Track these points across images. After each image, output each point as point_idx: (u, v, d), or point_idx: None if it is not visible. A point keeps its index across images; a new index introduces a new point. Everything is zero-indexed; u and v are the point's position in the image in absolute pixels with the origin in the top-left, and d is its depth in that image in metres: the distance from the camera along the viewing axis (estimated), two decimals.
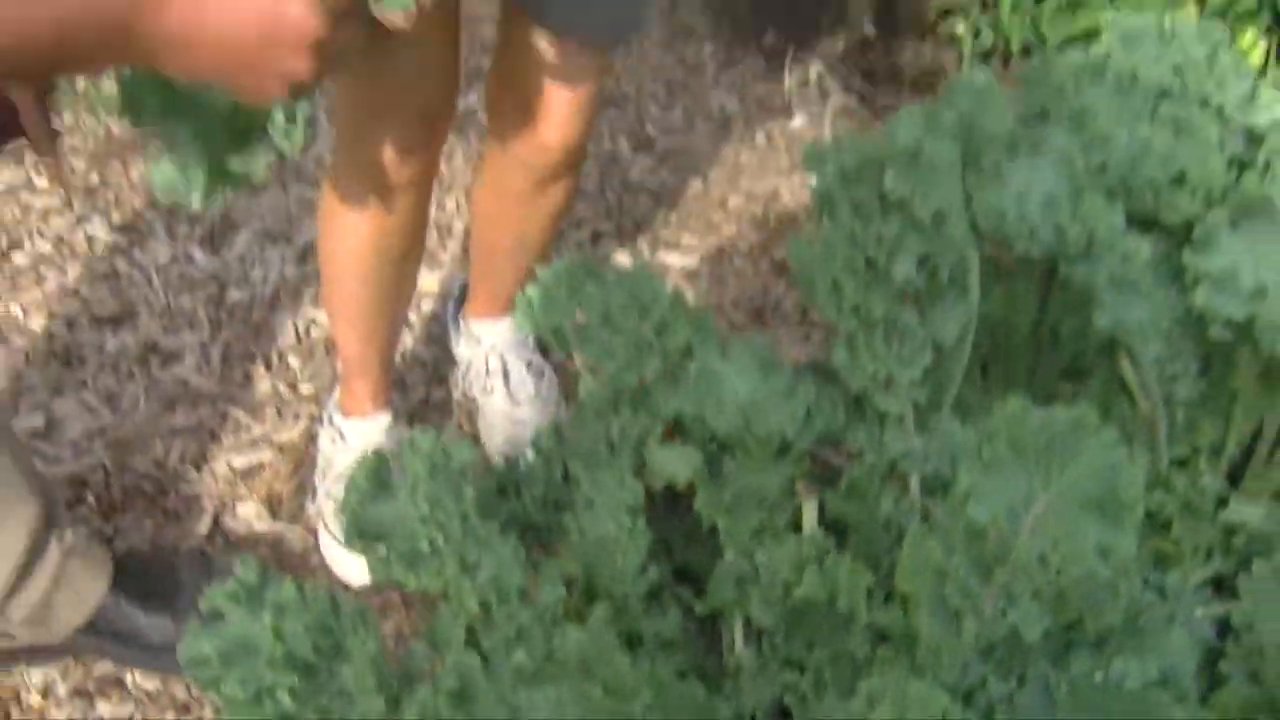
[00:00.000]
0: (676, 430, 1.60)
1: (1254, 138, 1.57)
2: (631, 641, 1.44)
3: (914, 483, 1.42)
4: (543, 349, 2.24)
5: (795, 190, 2.69)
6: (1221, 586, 1.50)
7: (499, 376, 2.16)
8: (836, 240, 1.30)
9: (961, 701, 1.19)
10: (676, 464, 1.50)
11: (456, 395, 2.26)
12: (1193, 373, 1.49)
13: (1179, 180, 1.49)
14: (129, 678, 1.91)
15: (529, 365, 2.18)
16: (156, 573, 1.91)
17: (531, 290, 1.50)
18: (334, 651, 1.16)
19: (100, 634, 1.87)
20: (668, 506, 1.64)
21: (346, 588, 1.97)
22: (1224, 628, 1.47)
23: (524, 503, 1.57)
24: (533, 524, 1.57)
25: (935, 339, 1.33)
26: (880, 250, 1.26)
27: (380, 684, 1.15)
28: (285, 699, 1.10)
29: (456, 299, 2.25)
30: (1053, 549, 1.07)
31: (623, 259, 2.49)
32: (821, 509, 1.52)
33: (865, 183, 1.27)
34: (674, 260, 2.51)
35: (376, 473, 1.37)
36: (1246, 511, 1.52)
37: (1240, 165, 1.56)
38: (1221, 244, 1.38)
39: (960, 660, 1.15)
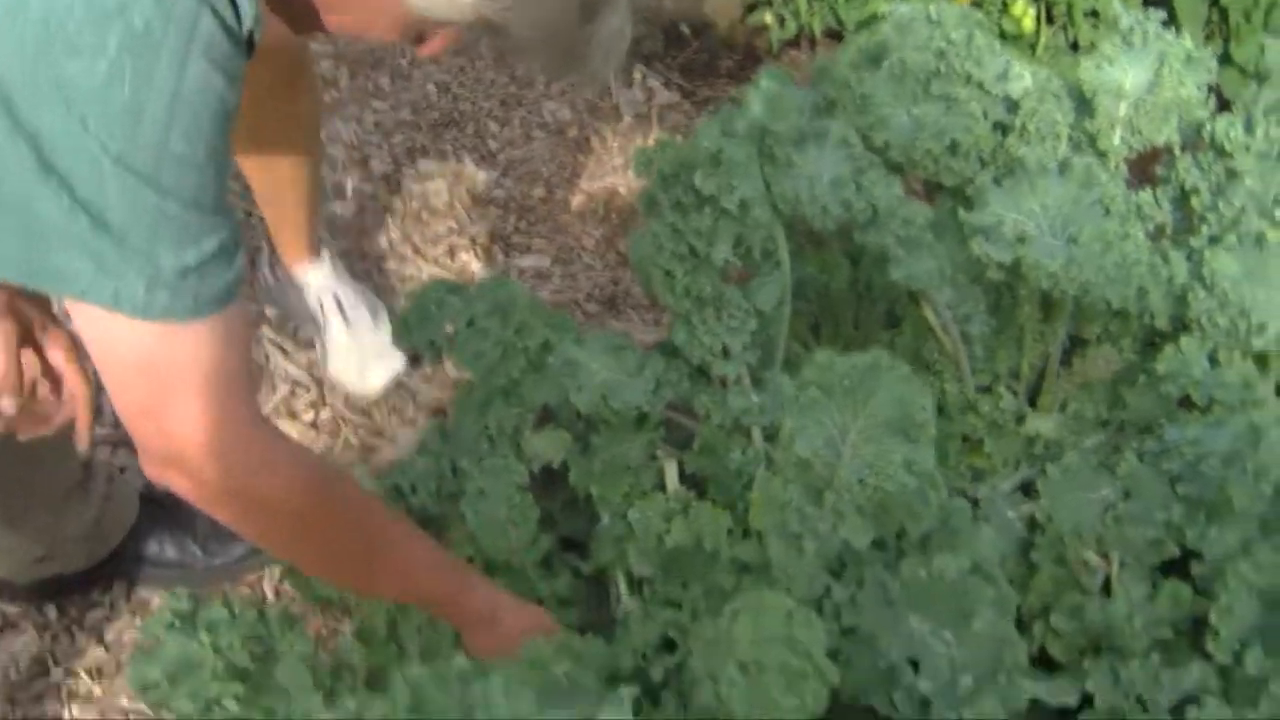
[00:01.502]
0: (546, 416, 1.80)
1: (1012, 106, 1.82)
2: None
3: (756, 435, 1.64)
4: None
5: (631, 186, 2.89)
6: (1030, 490, 1.75)
7: (334, 313, 2.34)
8: (663, 235, 1.51)
9: (813, 609, 1.41)
10: (549, 446, 1.70)
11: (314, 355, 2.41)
12: (983, 311, 1.74)
13: (952, 149, 1.73)
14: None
15: (359, 294, 2.38)
16: (169, 501, 2.07)
17: (404, 312, 1.69)
18: (267, 656, 1.29)
19: (129, 559, 2.08)
20: (547, 485, 1.85)
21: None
22: (1032, 524, 1.72)
23: (420, 499, 1.76)
24: (430, 516, 1.76)
25: (757, 308, 1.55)
26: (700, 240, 1.47)
27: (313, 677, 1.28)
28: (231, 705, 1.23)
29: (268, 256, 2.41)
30: (867, 470, 1.29)
31: (478, 268, 2.68)
32: (681, 468, 1.74)
33: (681, 184, 1.48)
34: (528, 263, 2.70)
35: None
36: (1042, 424, 1.77)
37: (1003, 130, 1.81)
38: (989, 200, 1.62)
39: (806, 575, 1.37)
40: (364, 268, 2.61)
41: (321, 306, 2.35)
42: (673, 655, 1.49)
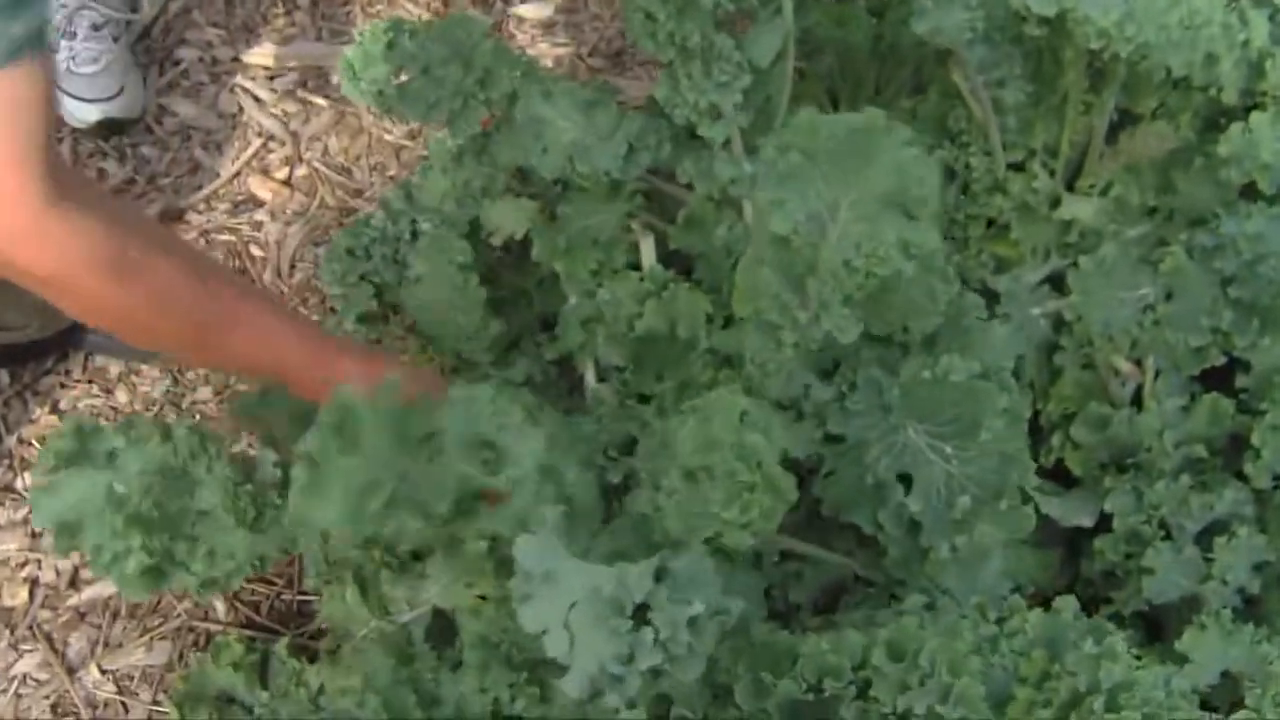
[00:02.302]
0: (519, 179, 1.60)
1: None
2: None
3: (747, 208, 1.44)
4: (132, 8, 2.17)
5: None
6: (1059, 285, 1.55)
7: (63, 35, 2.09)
8: None
9: (792, 411, 1.23)
10: (510, 217, 1.50)
11: None
12: (1019, 76, 1.50)
13: None
14: None
15: (95, 27, 2.11)
16: None
17: (350, 53, 1.47)
18: (181, 478, 1.13)
19: (81, 328, 1.97)
20: (521, 259, 1.66)
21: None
22: (1059, 323, 1.52)
23: (373, 263, 1.58)
24: (385, 283, 1.59)
25: (752, 62, 1.33)
26: None
27: (236, 506, 1.13)
28: (144, 555, 1.07)
29: None
30: (856, 252, 1.09)
31: (477, 15, 2.44)
32: (665, 246, 1.54)
33: None
34: (529, 12, 2.46)
35: None
36: (1079, 208, 1.55)
37: None
38: None
39: (784, 371, 1.19)
40: (346, 10, 2.38)
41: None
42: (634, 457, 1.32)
